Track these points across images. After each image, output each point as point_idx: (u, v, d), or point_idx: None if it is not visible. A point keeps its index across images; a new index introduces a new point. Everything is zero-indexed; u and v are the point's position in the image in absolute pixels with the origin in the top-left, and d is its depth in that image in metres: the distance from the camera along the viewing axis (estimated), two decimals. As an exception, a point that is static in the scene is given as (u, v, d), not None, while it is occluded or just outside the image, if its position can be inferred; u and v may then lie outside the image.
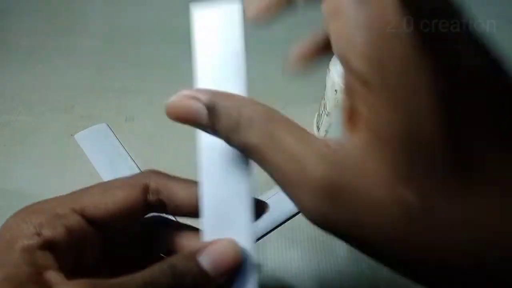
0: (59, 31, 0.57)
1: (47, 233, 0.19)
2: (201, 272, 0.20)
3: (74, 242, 0.20)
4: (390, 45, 0.14)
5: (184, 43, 0.56)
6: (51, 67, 0.52)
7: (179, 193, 0.23)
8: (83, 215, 0.21)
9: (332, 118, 0.42)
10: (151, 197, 0.23)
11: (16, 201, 0.41)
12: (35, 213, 0.20)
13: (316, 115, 0.47)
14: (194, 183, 0.23)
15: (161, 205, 0.23)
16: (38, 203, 0.21)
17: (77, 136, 0.46)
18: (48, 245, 0.19)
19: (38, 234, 0.19)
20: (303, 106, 0.49)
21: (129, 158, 0.44)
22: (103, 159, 0.44)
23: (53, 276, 0.18)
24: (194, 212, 0.23)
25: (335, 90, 0.40)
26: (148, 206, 0.23)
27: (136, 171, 0.43)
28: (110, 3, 0.61)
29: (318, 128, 0.46)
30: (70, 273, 0.19)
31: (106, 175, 0.43)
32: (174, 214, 0.24)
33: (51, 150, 0.45)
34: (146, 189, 0.23)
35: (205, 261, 0.20)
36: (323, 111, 0.44)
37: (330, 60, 0.41)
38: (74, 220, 0.20)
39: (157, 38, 0.57)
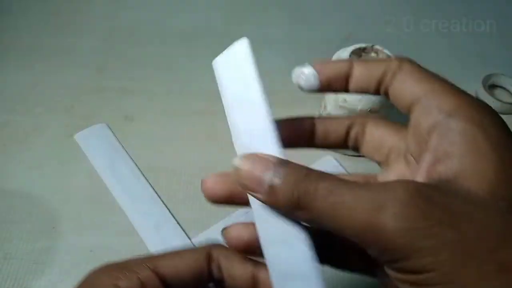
0: (59, 31, 0.57)
1: (124, 284, 0.21)
2: None
3: None
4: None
5: (184, 43, 0.57)
6: (51, 67, 0.52)
7: (237, 269, 0.24)
8: (155, 272, 0.22)
9: (332, 118, 0.42)
10: (214, 268, 0.24)
11: (16, 201, 0.41)
12: (114, 268, 0.22)
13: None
14: (249, 261, 0.24)
15: (220, 279, 0.24)
16: (117, 261, 0.23)
17: (77, 136, 0.46)
18: None
19: (116, 286, 0.21)
20: (303, 106, 0.49)
21: (129, 158, 0.44)
22: (103, 159, 0.44)
23: None
24: None
25: (335, 90, 0.40)
26: (210, 275, 0.24)
27: (136, 171, 0.43)
28: (110, 3, 0.61)
29: (318, 128, 0.46)
30: None
31: (106, 175, 0.43)
32: None
33: (51, 150, 0.45)
34: (209, 257, 0.24)
35: None
36: (323, 111, 0.44)
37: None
38: (148, 276, 0.22)
39: (157, 38, 0.57)
